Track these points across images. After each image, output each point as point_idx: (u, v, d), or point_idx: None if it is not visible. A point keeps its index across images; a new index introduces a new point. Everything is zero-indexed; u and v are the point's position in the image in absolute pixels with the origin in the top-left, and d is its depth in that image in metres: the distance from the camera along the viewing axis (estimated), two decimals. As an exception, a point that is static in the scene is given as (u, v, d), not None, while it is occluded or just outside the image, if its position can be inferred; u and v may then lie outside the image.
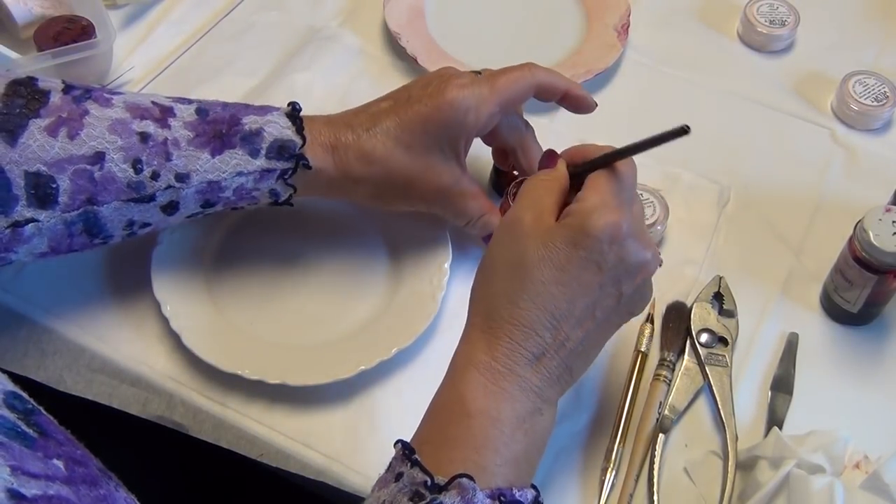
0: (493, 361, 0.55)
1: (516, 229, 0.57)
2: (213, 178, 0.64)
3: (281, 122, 0.65)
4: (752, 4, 0.95)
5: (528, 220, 0.57)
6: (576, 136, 0.85)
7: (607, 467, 0.65)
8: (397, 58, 0.91)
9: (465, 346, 0.57)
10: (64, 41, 0.80)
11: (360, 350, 0.68)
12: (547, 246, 0.56)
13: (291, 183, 0.66)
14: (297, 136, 0.65)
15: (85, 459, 0.50)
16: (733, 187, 0.82)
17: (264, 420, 0.67)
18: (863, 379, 0.72)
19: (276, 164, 0.65)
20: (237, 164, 0.64)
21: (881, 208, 0.68)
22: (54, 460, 0.46)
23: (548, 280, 0.55)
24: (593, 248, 0.56)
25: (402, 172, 0.67)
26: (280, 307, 0.72)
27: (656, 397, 0.68)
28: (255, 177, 0.65)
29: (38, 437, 0.46)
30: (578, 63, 0.90)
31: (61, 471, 0.46)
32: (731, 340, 0.71)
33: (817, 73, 0.92)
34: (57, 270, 0.73)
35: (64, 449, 0.48)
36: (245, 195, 0.66)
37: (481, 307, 0.57)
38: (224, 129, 0.64)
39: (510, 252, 0.57)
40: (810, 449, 0.63)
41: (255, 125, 0.65)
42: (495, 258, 0.58)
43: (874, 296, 0.71)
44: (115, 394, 0.69)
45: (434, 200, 0.69)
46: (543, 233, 0.56)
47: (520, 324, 0.55)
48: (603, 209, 0.57)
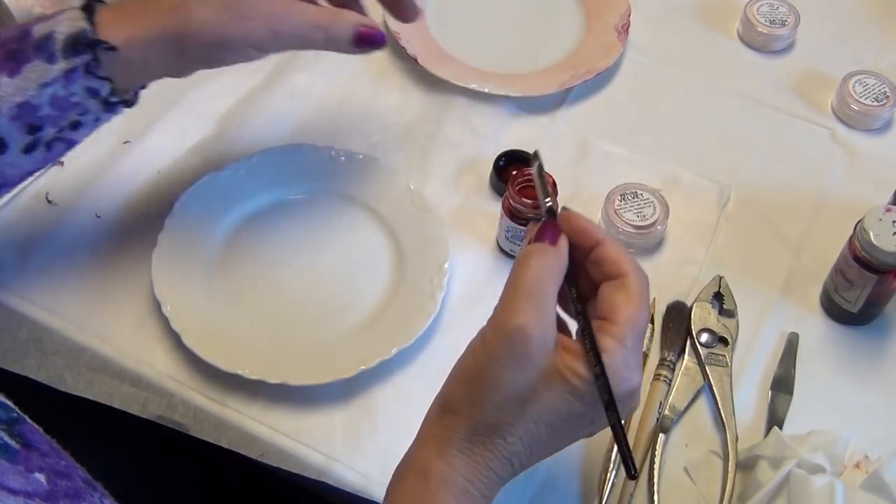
0: (469, 486, 0.52)
1: (522, 349, 0.51)
2: (20, 99, 0.59)
3: (72, 16, 0.61)
4: (753, 4, 0.95)
5: (536, 336, 0.51)
6: (577, 136, 0.86)
7: (608, 467, 0.65)
8: (397, 58, 0.91)
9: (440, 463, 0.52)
10: (64, 41, 0.80)
11: (360, 349, 0.68)
12: (555, 391, 0.51)
13: (103, 75, 0.61)
14: (87, 22, 0.60)
15: (69, 471, 0.49)
16: (733, 187, 0.82)
17: (264, 420, 0.67)
18: (863, 379, 0.72)
19: (76, 61, 0.60)
20: (38, 77, 0.59)
21: (881, 208, 0.68)
22: (36, 474, 0.45)
23: (542, 422, 0.52)
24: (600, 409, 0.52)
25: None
26: (280, 306, 0.72)
27: (656, 397, 0.68)
28: (62, 83, 0.60)
29: (20, 449, 0.46)
30: (579, 63, 0.90)
31: (43, 485, 0.45)
32: (731, 340, 0.71)
33: (817, 73, 0.92)
34: (58, 270, 0.73)
35: (47, 461, 0.47)
36: (67, 106, 0.61)
37: (463, 425, 0.52)
38: (15, 45, 0.60)
39: (512, 377, 0.51)
40: (810, 449, 0.63)
41: (45, 30, 0.60)
42: (494, 374, 0.51)
43: (874, 296, 0.71)
44: (115, 393, 0.69)
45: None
46: (554, 372, 0.51)
47: (503, 455, 0.52)
48: (624, 375, 0.51)
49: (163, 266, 0.71)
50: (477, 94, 0.86)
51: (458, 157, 0.83)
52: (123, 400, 0.69)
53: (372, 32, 0.67)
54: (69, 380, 0.69)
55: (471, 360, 0.53)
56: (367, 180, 0.79)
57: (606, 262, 0.54)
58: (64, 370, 0.70)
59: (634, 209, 0.77)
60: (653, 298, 0.74)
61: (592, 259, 0.54)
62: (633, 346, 0.52)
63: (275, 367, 0.67)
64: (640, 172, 0.82)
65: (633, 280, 0.53)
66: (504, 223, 0.74)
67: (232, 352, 0.68)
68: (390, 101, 0.87)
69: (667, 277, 0.76)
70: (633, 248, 0.77)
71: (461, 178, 0.82)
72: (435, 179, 0.81)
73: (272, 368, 0.67)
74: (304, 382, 0.66)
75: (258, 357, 0.68)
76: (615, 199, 0.77)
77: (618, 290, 0.53)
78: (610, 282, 0.54)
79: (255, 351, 0.69)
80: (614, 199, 0.77)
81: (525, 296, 0.51)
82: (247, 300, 0.72)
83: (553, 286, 0.52)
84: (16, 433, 0.46)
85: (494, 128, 0.85)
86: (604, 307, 0.53)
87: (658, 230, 0.77)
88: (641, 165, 0.84)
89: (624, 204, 0.77)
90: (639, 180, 0.79)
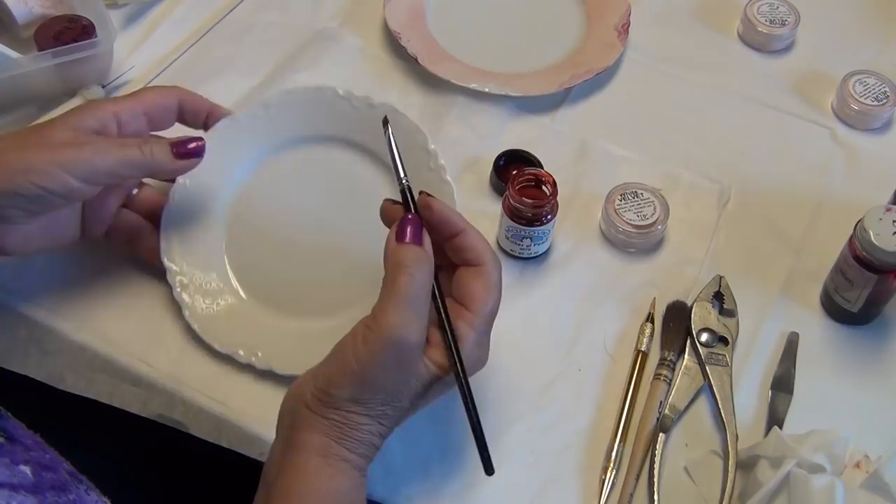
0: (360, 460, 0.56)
1: (407, 357, 0.55)
2: None
3: None
4: (753, 4, 0.95)
5: (416, 343, 0.55)
6: (577, 136, 0.86)
7: (608, 466, 0.65)
8: (398, 57, 0.91)
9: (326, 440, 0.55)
10: (65, 40, 0.80)
11: None
12: (421, 380, 0.56)
13: None
14: None
15: (54, 464, 0.49)
16: (733, 187, 0.82)
17: (265, 420, 0.67)
18: (863, 378, 0.72)
19: None
20: None
21: (881, 208, 0.68)
22: (21, 466, 0.46)
23: (407, 399, 0.56)
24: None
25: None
26: (290, 284, 0.71)
27: (657, 397, 0.68)
28: None
29: (4, 443, 0.46)
30: (579, 63, 0.90)
31: (28, 477, 0.45)
32: (731, 340, 0.72)
33: (817, 73, 0.92)
34: (58, 269, 0.73)
35: (32, 454, 0.48)
36: None
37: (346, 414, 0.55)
38: None
39: (394, 378, 0.55)
40: (811, 448, 0.63)
41: None
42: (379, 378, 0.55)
43: (874, 295, 0.71)
44: (115, 392, 0.69)
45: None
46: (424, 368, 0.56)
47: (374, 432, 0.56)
48: (475, 358, 0.58)
49: (173, 228, 0.70)
50: (477, 94, 0.86)
51: (459, 157, 0.83)
52: (123, 399, 0.69)
53: (187, 142, 0.65)
54: (69, 379, 0.69)
55: (354, 364, 0.55)
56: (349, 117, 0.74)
57: (467, 250, 0.58)
58: (64, 369, 0.70)
59: (634, 209, 0.77)
60: (653, 298, 0.74)
61: (453, 245, 0.59)
62: (484, 330, 0.58)
63: (269, 352, 0.66)
64: (641, 172, 0.82)
65: (491, 270, 0.58)
66: (504, 223, 0.74)
67: (230, 331, 0.67)
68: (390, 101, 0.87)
69: (667, 277, 0.76)
70: (634, 247, 0.77)
71: (461, 177, 0.82)
72: (435, 179, 0.81)
73: (265, 353, 0.66)
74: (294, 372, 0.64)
75: (255, 338, 0.67)
76: (615, 198, 0.78)
77: (475, 278, 0.58)
78: (468, 268, 0.58)
79: (254, 331, 0.68)
80: (614, 199, 0.77)
81: (408, 306, 0.54)
82: (257, 273, 0.71)
83: (428, 291, 0.56)
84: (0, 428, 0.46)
85: (495, 127, 0.85)
86: (461, 293, 0.58)
87: (658, 230, 0.77)
88: (641, 165, 0.84)
89: (624, 203, 0.77)
90: (639, 180, 0.79)
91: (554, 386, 0.70)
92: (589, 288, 0.76)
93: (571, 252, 0.78)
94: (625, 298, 0.75)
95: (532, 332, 0.73)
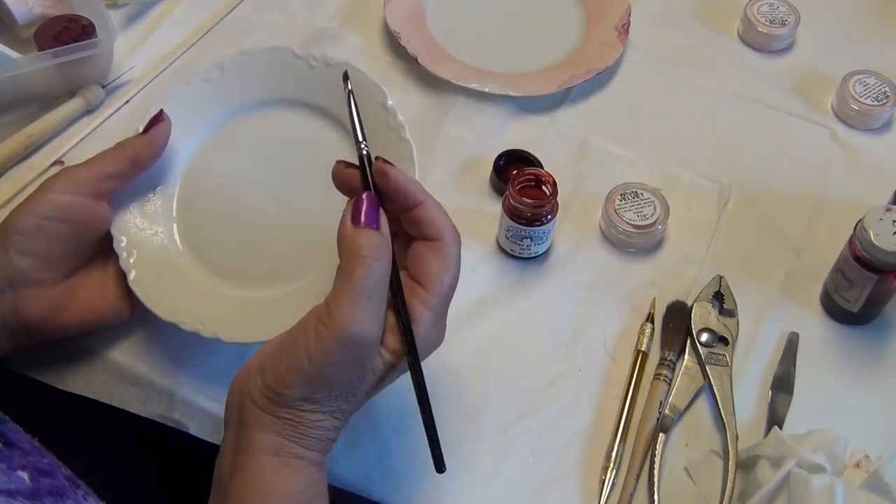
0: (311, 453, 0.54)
1: (362, 355, 0.53)
2: None
3: None
4: (753, 4, 0.95)
5: (373, 340, 0.52)
6: (577, 136, 0.86)
7: (608, 466, 0.65)
8: (398, 57, 0.91)
9: (280, 440, 0.53)
10: (65, 40, 0.80)
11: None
12: (377, 373, 0.54)
13: None
14: None
15: (52, 469, 0.49)
16: (734, 187, 0.82)
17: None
18: (863, 378, 0.72)
19: None
20: None
21: (881, 208, 0.68)
22: (19, 472, 0.45)
23: (364, 398, 0.55)
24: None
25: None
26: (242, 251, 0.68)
27: (657, 397, 0.68)
28: None
29: (2, 448, 0.46)
30: (579, 63, 0.90)
31: (25, 483, 0.45)
32: (731, 340, 0.71)
33: (818, 73, 0.92)
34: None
35: (29, 459, 0.47)
36: None
37: (298, 412, 0.53)
38: None
39: (348, 376, 0.53)
40: (811, 448, 0.63)
41: None
42: (332, 376, 0.52)
43: (874, 295, 0.71)
44: (115, 393, 0.69)
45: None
46: (379, 361, 0.54)
47: (327, 426, 0.54)
48: (430, 340, 0.55)
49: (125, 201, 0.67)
50: (477, 94, 0.86)
51: (459, 157, 0.83)
52: (124, 399, 0.69)
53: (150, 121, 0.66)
54: (69, 379, 0.69)
55: (306, 362, 0.52)
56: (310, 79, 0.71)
57: (425, 223, 0.54)
58: (64, 369, 0.70)
59: (634, 209, 0.77)
60: (653, 298, 0.74)
61: (411, 217, 0.55)
62: (441, 311, 0.55)
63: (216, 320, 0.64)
64: (641, 172, 0.82)
65: (450, 246, 0.54)
66: (504, 223, 0.74)
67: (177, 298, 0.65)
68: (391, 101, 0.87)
69: (667, 277, 0.76)
70: (634, 247, 0.77)
71: (461, 177, 0.82)
72: (435, 179, 0.81)
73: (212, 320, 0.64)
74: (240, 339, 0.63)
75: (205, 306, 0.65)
76: (615, 198, 0.78)
77: (433, 254, 0.54)
78: (425, 243, 0.54)
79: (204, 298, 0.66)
80: (614, 199, 0.77)
81: (365, 298, 0.51)
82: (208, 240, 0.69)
83: (386, 280, 0.53)
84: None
85: (495, 127, 0.86)
86: (417, 269, 0.54)
87: (658, 230, 0.77)
88: (641, 165, 0.84)
89: (624, 203, 0.77)
90: (639, 180, 0.79)
91: (554, 386, 0.70)
92: (589, 288, 0.76)
93: (571, 252, 0.78)
94: (625, 298, 0.75)
95: (532, 332, 0.73)
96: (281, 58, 0.71)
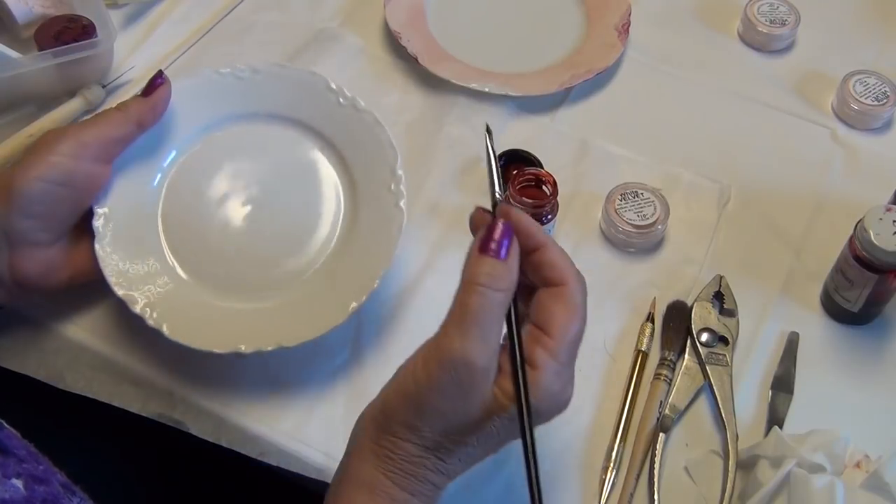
0: (412, 499, 0.51)
1: (468, 381, 0.49)
2: None
3: None
4: (753, 4, 0.95)
5: (480, 367, 0.49)
6: (577, 136, 0.86)
7: (608, 466, 0.65)
8: (398, 57, 0.91)
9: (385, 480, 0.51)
10: (65, 40, 0.80)
11: (342, 287, 0.66)
12: (493, 419, 0.50)
13: None
14: None
15: (47, 476, 0.49)
16: (734, 187, 0.82)
17: (265, 419, 0.67)
18: (863, 378, 0.72)
19: None
20: None
21: (882, 207, 0.68)
22: (13, 480, 0.45)
23: (481, 445, 0.52)
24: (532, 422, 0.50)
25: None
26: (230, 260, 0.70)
27: (657, 396, 0.68)
28: None
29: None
30: (579, 62, 0.90)
31: (20, 491, 0.45)
32: (731, 340, 0.71)
33: (818, 73, 0.92)
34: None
35: (25, 466, 0.47)
36: None
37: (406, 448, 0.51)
38: None
39: (454, 407, 0.50)
40: (811, 448, 0.63)
41: None
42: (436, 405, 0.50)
43: (875, 295, 0.71)
44: (115, 392, 0.69)
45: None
46: (491, 398, 0.50)
47: (441, 471, 0.52)
48: (556, 390, 0.51)
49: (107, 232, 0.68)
50: (477, 94, 0.86)
51: (459, 157, 0.83)
52: (123, 399, 0.69)
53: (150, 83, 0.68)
54: (69, 378, 0.69)
55: (412, 385, 0.50)
56: (288, 93, 0.74)
57: (548, 267, 0.52)
58: (64, 369, 0.70)
59: (635, 209, 0.77)
60: (653, 298, 0.74)
61: (533, 262, 0.53)
62: (566, 360, 0.51)
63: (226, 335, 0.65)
64: (641, 172, 0.82)
65: (575, 291, 0.52)
66: (504, 223, 0.74)
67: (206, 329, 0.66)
68: (391, 101, 0.87)
69: (667, 277, 0.76)
70: (634, 247, 0.77)
71: (461, 177, 0.82)
72: (435, 179, 0.81)
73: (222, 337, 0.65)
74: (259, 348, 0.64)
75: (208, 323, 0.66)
76: (615, 198, 0.78)
77: (557, 300, 0.52)
78: (549, 289, 0.52)
79: (205, 316, 0.67)
80: (614, 199, 0.77)
81: (475, 325, 0.49)
82: (193, 253, 0.70)
83: (502, 312, 0.50)
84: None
85: (495, 127, 0.84)
86: (541, 316, 0.51)
87: (658, 230, 0.77)
88: (642, 165, 0.84)
89: (624, 203, 0.77)
90: (639, 180, 0.79)
91: (554, 386, 0.70)
92: (589, 288, 0.74)
93: (571, 252, 0.76)
94: (625, 298, 0.75)
95: (532, 331, 0.72)
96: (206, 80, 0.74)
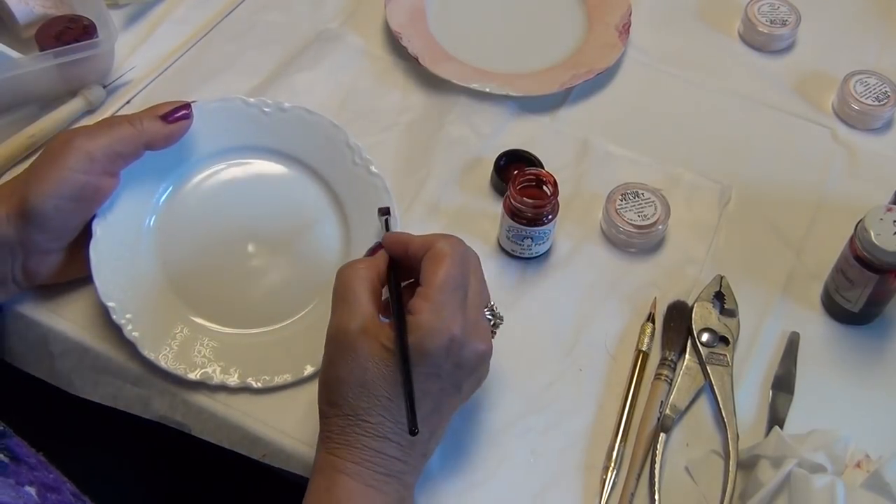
0: (357, 467, 0.56)
1: (346, 343, 0.57)
2: None
3: None
4: (753, 4, 0.95)
5: (353, 329, 0.57)
6: (578, 136, 0.86)
7: (608, 466, 0.66)
8: (399, 58, 0.91)
9: (328, 456, 0.57)
10: (66, 41, 0.80)
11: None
12: (385, 364, 0.56)
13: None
14: None
15: (58, 484, 0.49)
16: (734, 187, 0.82)
17: (267, 420, 0.67)
18: (864, 378, 0.72)
19: None
20: None
21: (882, 207, 0.68)
22: (27, 487, 0.45)
23: (391, 395, 0.56)
24: (430, 364, 0.56)
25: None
26: (232, 297, 0.71)
27: (657, 396, 0.68)
28: None
29: (9, 463, 0.46)
30: (579, 62, 0.90)
31: (34, 498, 0.45)
32: (732, 340, 0.72)
33: (818, 73, 0.92)
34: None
35: (36, 474, 0.47)
36: None
37: (335, 422, 0.57)
38: None
39: (348, 371, 0.57)
40: (811, 448, 0.63)
41: None
42: (335, 374, 0.57)
43: (875, 295, 0.71)
44: (119, 395, 0.69)
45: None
46: (379, 350, 0.56)
47: (376, 434, 0.57)
48: (435, 325, 0.56)
49: (103, 259, 0.68)
50: (478, 94, 0.86)
51: (460, 157, 0.83)
52: (127, 401, 0.69)
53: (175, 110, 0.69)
54: (76, 382, 0.69)
55: (321, 372, 0.59)
56: (304, 136, 0.76)
57: (419, 248, 0.60)
58: (71, 372, 0.70)
59: (635, 209, 0.77)
60: (654, 298, 0.74)
61: (412, 257, 0.60)
62: (444, 301, 0.57)
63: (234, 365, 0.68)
64: (641, 172, 0.82)
65: (440, 246, 0.59)
66: (505, 223, 0.74)
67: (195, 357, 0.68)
68: (392, 101, 0.87)
69: (668, 277, 0.76)
70: (634, 247, 0.77)
71: (462, 177, 0.82)
72: (436, 179, 0.81)
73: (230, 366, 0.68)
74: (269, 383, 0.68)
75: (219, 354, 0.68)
76: (616, 198, 0.78)
77: (428, 260, 0.59)
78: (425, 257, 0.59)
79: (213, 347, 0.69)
80: (615, 199, 0.78)
81: (339, 301, 0.58)
82: (193, 286, 0.71)
83: (362, 284, 0.59)
84: (3, 447, 0.46)
85: (495, 127, 0.86)
86: (420, 277, 0.59)
87: (659, 230, 0.77)
88: (642, 165, 0.84)
89: (625, 204, 0.77)
90: (640, 180, 0.80)
91: (554, 386, 0.70)
92: (590, 288, 0.76)
93: (572, 252, 0.78)
94: (626, 298, 0.75)
95: (533, 332, 0.73)
96: (232, 107, 0.75)
